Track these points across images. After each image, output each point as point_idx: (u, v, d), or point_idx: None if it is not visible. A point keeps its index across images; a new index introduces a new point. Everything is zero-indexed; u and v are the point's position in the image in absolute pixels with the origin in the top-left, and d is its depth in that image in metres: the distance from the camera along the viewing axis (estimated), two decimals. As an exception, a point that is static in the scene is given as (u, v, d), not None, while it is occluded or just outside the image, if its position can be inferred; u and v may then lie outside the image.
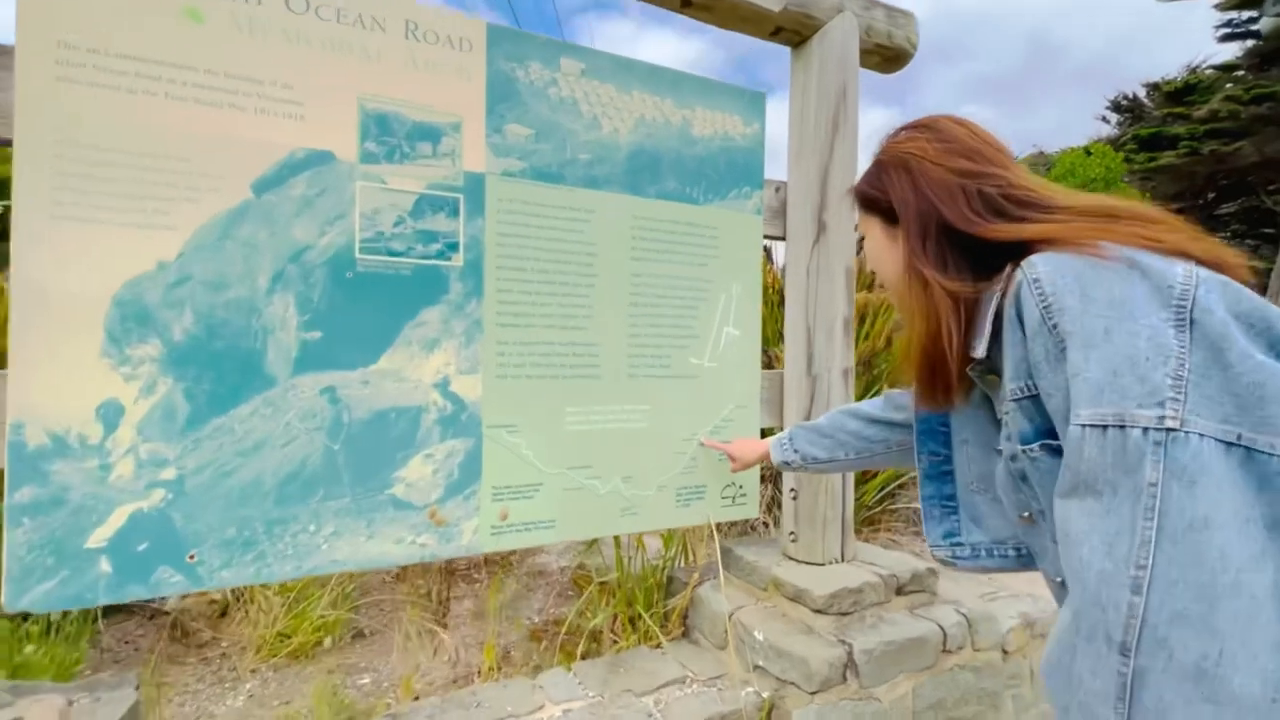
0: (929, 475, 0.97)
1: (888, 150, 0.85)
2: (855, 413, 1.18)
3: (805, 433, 1.26)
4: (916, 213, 0.79)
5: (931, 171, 0.79)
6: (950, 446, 0.96)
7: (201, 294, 1.16)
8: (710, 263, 1.67)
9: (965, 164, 0.78)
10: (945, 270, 0.77)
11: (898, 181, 0.82)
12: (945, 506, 0.96)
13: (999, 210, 0.75)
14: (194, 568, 1.16)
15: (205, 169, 1.16)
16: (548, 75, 1.47)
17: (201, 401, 1.16)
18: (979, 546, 0.93)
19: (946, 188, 0.77)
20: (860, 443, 1.16)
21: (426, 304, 1.34)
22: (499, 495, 1.42)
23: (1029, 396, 0.71)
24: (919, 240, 0.79)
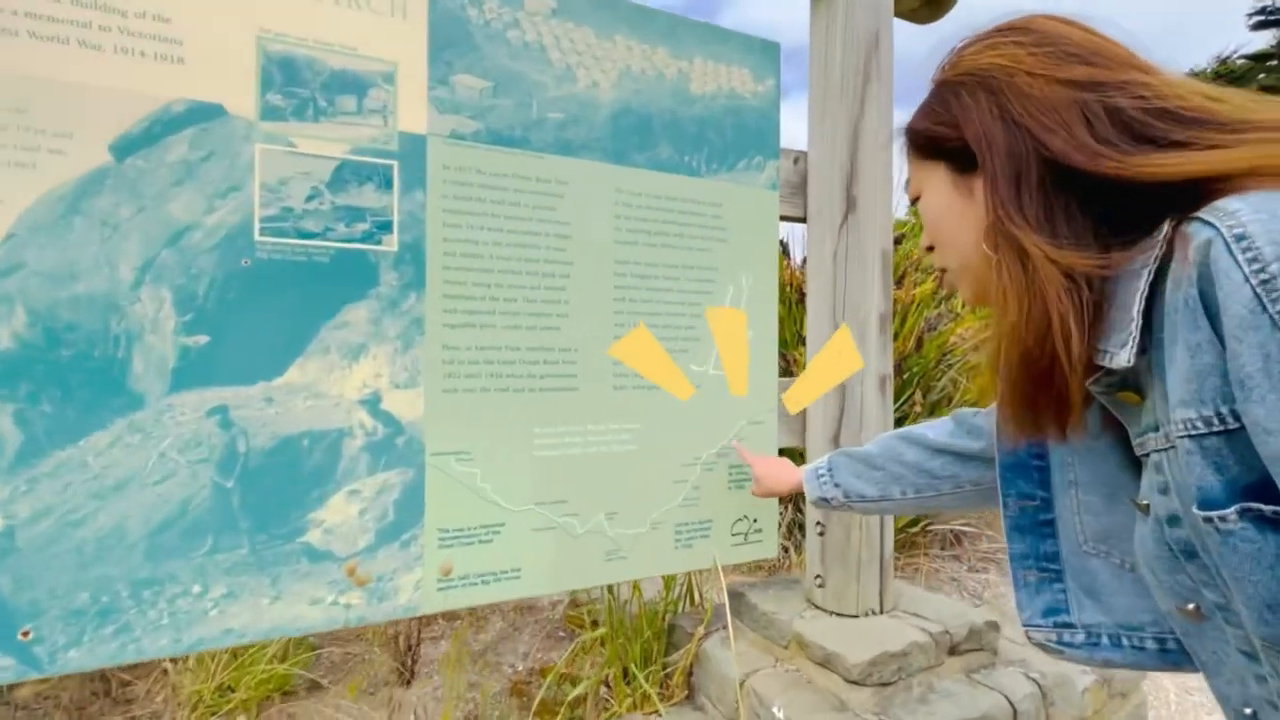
0: (1019, 527, 0.70)
1: (959, 66, 0.60)
2: (914, 439, 0.91)
3: (849, 463, 1.00)
4: (1008, 150, 0.54)
5: (1031, 87, 0.54)
6: (1049, 488, 0.69)
7: (39, 287, 0.89)
8: (715, 248, 1.37)
9: (1085, 70, 0.53)
10: (1054, 234, 0.52)
11: (976, 108, 0.57)
12: (1045, 571, 0.69)
13: (1144, 134, 0.50)
14: (28, 648, 0.88)
15: (44, 124, 0.89)
16: (508, 14, 1.18)
17: (39, 429, 0.89)
18: (1098, 631, 0.65)
19: (1055, 108, 0.52)
20: (921, 478, 0.90)
21: (350, 300, 1.06)
22: (447, 540, 1.12)
23: (1221, 431, 0.44)
24: (1011, 190, 0.54)
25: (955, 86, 0.59)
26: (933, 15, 1.59)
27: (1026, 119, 0.53)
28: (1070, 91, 0.52)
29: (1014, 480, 0.71)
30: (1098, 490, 0.65)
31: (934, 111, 0.61)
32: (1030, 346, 0.53)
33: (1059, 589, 0.68)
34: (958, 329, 3.37)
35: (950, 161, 0.61)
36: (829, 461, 1.04)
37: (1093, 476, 0.65)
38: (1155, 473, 0.52)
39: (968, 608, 1.47)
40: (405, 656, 1.87)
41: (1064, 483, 0.67)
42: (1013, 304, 0.53)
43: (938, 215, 0.64)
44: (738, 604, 1.53)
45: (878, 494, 0.95)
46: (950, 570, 2.64)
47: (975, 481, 0.85)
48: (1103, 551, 0.66)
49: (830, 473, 1.02)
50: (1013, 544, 0.70)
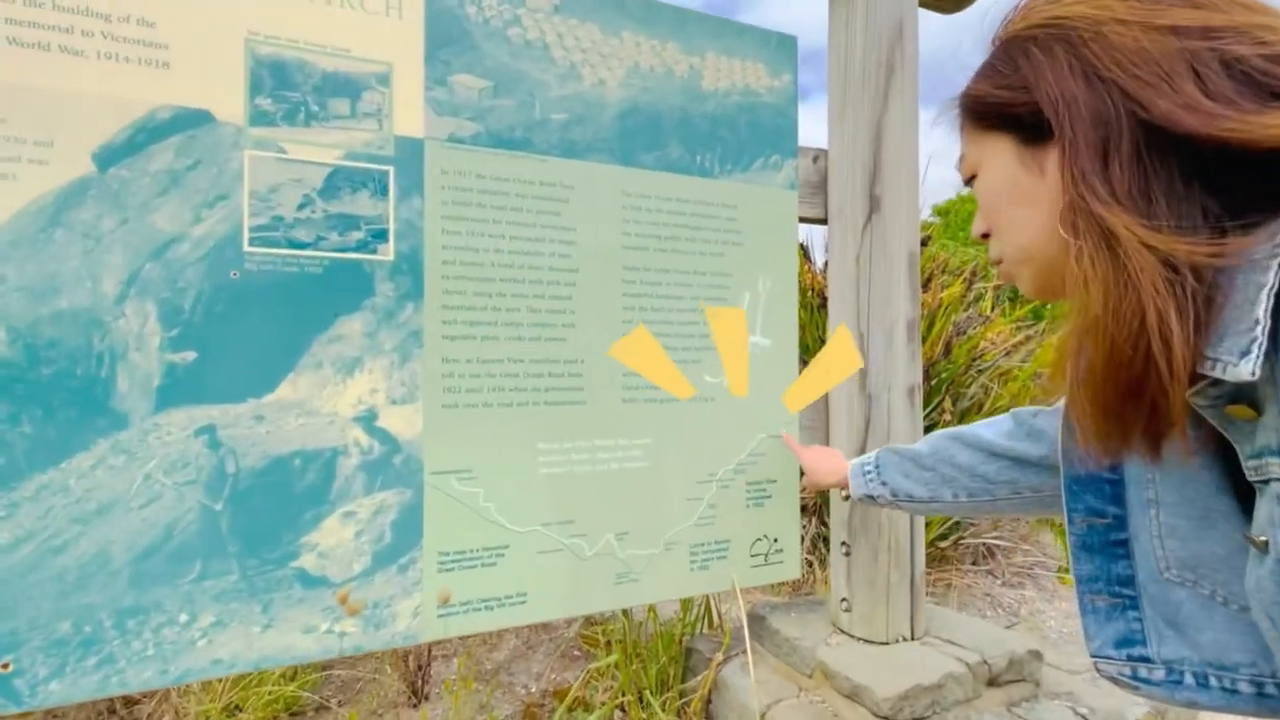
0: (1087, 546, 0.62)
1: (1029, 17, 0.50)
2: (969, 440, 0.84)
3: (898, 460, 0.95)
4: (1092, 113, 0.45)
5: (1123, 38, 0.45)
6: (1124, 504, 0.60)
7: (19, 303, 0.85)
8: (729, 251, 1.29)
9: (1191, 14, 0.44)
10: (1151, 213, 0.43)
11: (1052, 64, 0.48)
12: (1117, 596, 0.60)
13: (1272, 88, 0.41)
14: (9, 680, 0.84)
15: (24, 133, 0.85)
16: (508, 11, 1.13)
17: (19, 451, 0.85)
18: (1180, 667, 0.57)
19: (1155, 61, 0.43)
20: (975, 482, 0.83)
21: (344, 312, 1.01)
22: (448, 564, 1.07)
23: None
24: (1097, 161, 0.45)
25: (1024, 42, 0.50)
26: (959, 4, 1.50)
27: (1118, 74, 0.45)
28: (1173, 40, 0.44)
29: (1081, 495, 0.62)
30: (1185, 513, 0.56)
31: (998, 72, 0.52)
32: (1119, 347, 0.44)
33: (1134, 617, 0.59)
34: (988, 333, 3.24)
35: (1017, 132, 0.52)
36: (876, 458, 0.99)
37: (1179, 498, 0.56)
38: (1278, 504, 0.43)
39: (1007, 634, 1.37)
40: (415, 677, 1.82)
41: (1142, 501, 0.59)
42: (1097, 296, 0.44)
43: (999, 195, 0.55)
44: (758, 627, 1.45)
45: (927, 495, 0.89)
46: (984, 586, 2.52)
47: (1035, 488, 0.77)
48: (1189, 580, 0.57)
49: (877, 470, 0.97)
50: (1079, 565, 0.62)
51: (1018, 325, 3.66)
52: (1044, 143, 0.50)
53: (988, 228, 0.59)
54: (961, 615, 1.47)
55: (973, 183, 0.58)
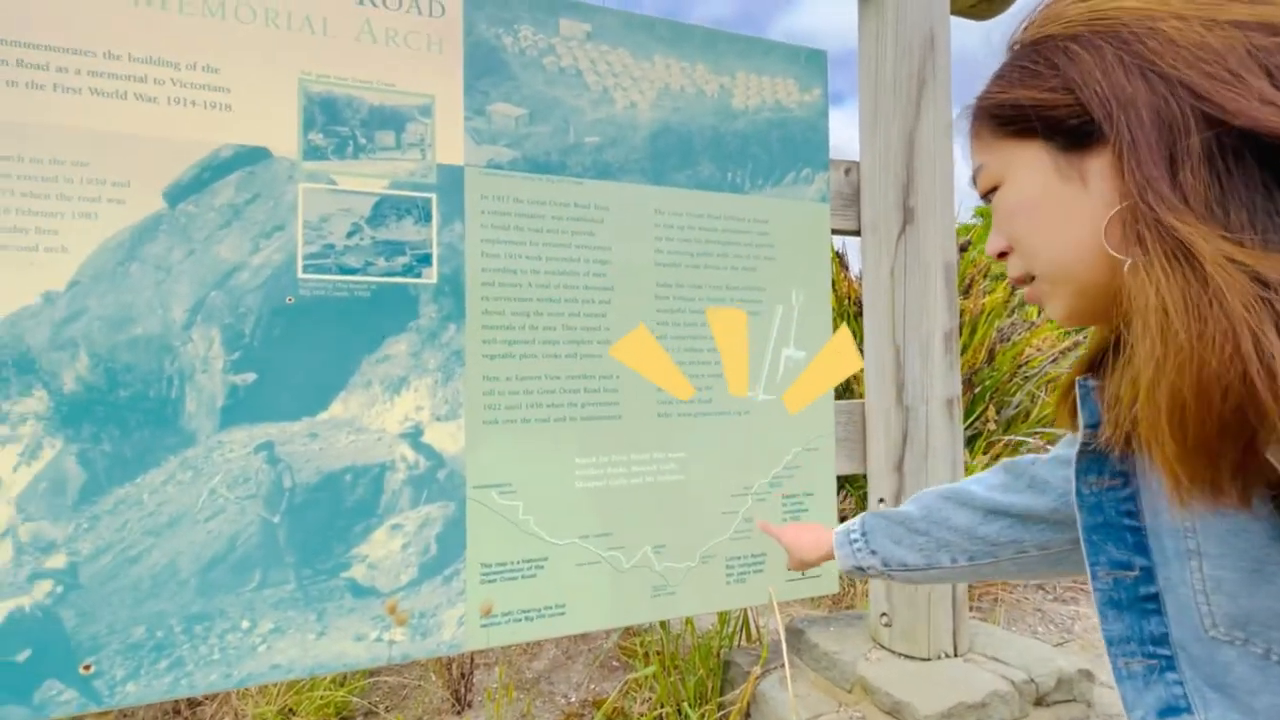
0: (1115, 603, 0.56)
1: (1062, 17, 0.46)
2: (963, 498, 0.77)
3: (886, 525, 0.84)
4: (1155, 113, 0.41)
5: (1183, 35, 0.41)
6: (1148, 553, 0.55)
7: (100, 331, 0.93)
8: (761, 266, 1.31)
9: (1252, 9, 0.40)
10: (1228, 224, 0.39)
11: (1100, 63, 0.43)
12: (1153, 658, 0.54)
13: None
14: (89, 681, 0.91)
15: (105, 175, 0.93)
16: (543, 41, 1.17)
17: (100, 467, 0.92)
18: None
19: (1217, 56, 0.40)
20: (975, 545, 0.75)
21: (391, 333, 1.06)
22: (490, 575, 1.10)
23: None
24: (1163, 166, 0.41)
25: (1064, 40, 0.46)
26: (992, 10, 1.49)
27: (1184, 70, 0.41)
28: (1240, 34, 0.40)
29: (1102, 545, 0.56)
30: (1235, 565, 0.50)
31: (1032, 73, 0.47)
32: (1213, 376, 0.38)
33: (1173, 680, 0.53)
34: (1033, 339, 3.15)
35: (1054, 138, 0.48)
36: (862, 524, 0.88)
37: (1226, 548, 0.50)
38: None
39: (1056, 652, 1.33)
40: (459, 684, 1.86)
41: (1180, 552, 0.52)
42: (1178, 319, 0.39)
43: (1031, 209, 0.50)
44: (797, 641, 1.44)
45: (923, 562, 0.79)
46: (1033, 601, 2.44)
47: (1042, 545, 0.71)
48: (1240, 639, 0.50)
49: (865, 537, 0.86)
50: (1108, 624, 0.56)
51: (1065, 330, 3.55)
52: (1087, 149, 0.46)
53: (1008, 245, 0.54)
54: (1007, 632, 1.44)
55: (991, 195, 0.53)
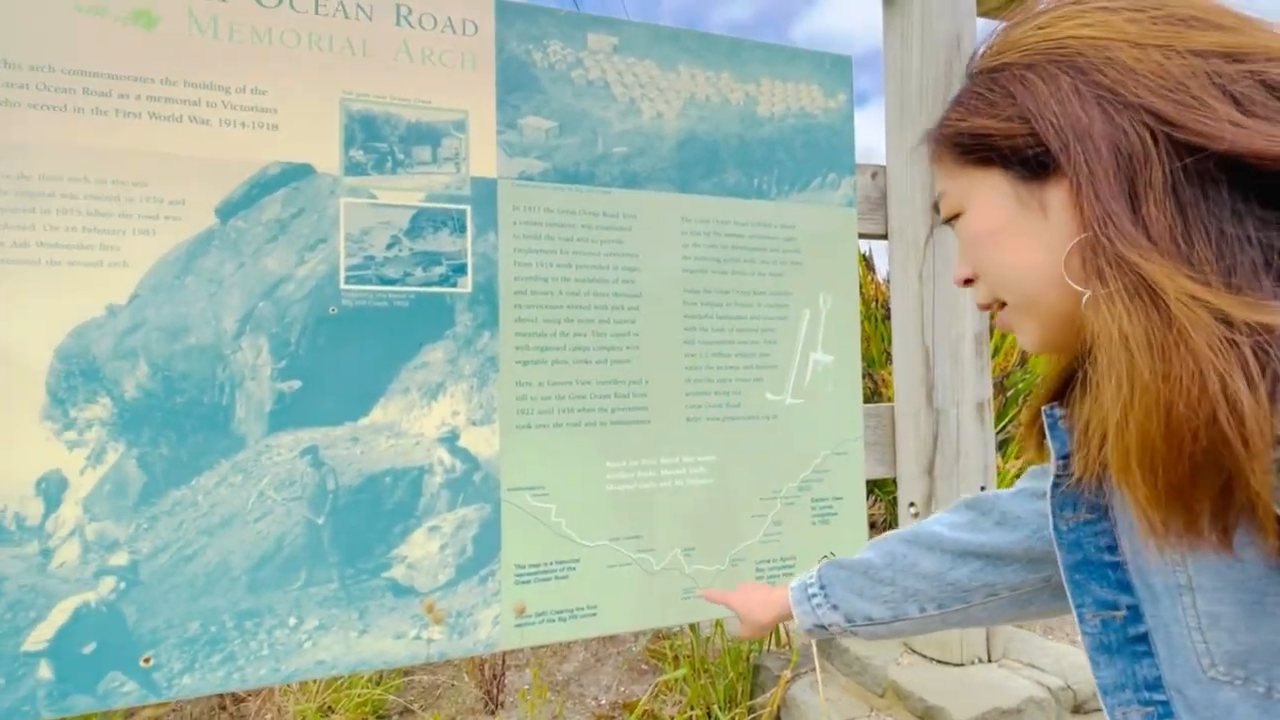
0: (1105, 647, 0.52)
1: (1019, 44, 0.46)
2: (928, 541, 0.72)
3: (846, 576, 0.77)
4: (1112, 143, 0.40)
5: (1141, 62, 0.41)
6: (1133, 591, 0.51)
7: (158, 341, 0.98)
8: (788, 271, 1.32)
9: (1212, 36, 0.40)
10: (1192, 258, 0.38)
11: (1056, 92, 0.43)
12: (1149, 704, 0.50)
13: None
14: (149, 673, 0.96)
15: (162, 194, 0.99)
16: (571, 55, 1.20)
17: (158, 470, 0.97)
18: None
19: (1181, 85, 0.39)
20: (944, 592, 0.70)
21: (428, 341, 1.10)
22: (524, 576, 1.13)
23: None
24: (1121, 198, 0.40)
25: (1019, 70, 0.46)
26: (1021, 10, 1.48)
27: (1149, 98, 0.40)
28: (1201, 63, 0.40)
29: (1086, 584, 0.53)
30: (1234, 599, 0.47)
31: (988, 102, 0.47)
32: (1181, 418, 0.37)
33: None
34: (1068, 341, 3.08)
35: (1013, 167, 0.47)
36: (819, 576, 0.80)
37: (1220, 581, 0.47)
38: None
39: (1093, 659, 1.31)
40: (491, 685, 1.90)
41: (1170, 587, 0.49)
42: (1142, 358, 0.38)
43: (991, 237, 0.49)
44: (827, 645, 1.44)
45: (889, 615, 0.74)
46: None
47: (1014, 587, 0.67)
48: (1240, 679, 0.48)
49: (823, 591, 0.78)
50: (1100, 671, 0.52)
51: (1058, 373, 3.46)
52: (1046, 179, 0.45)
53: (973, 272, 0.53)
54: (1043, 638, 1.42)
55: (954, 222, 0.53)
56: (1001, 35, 0.48)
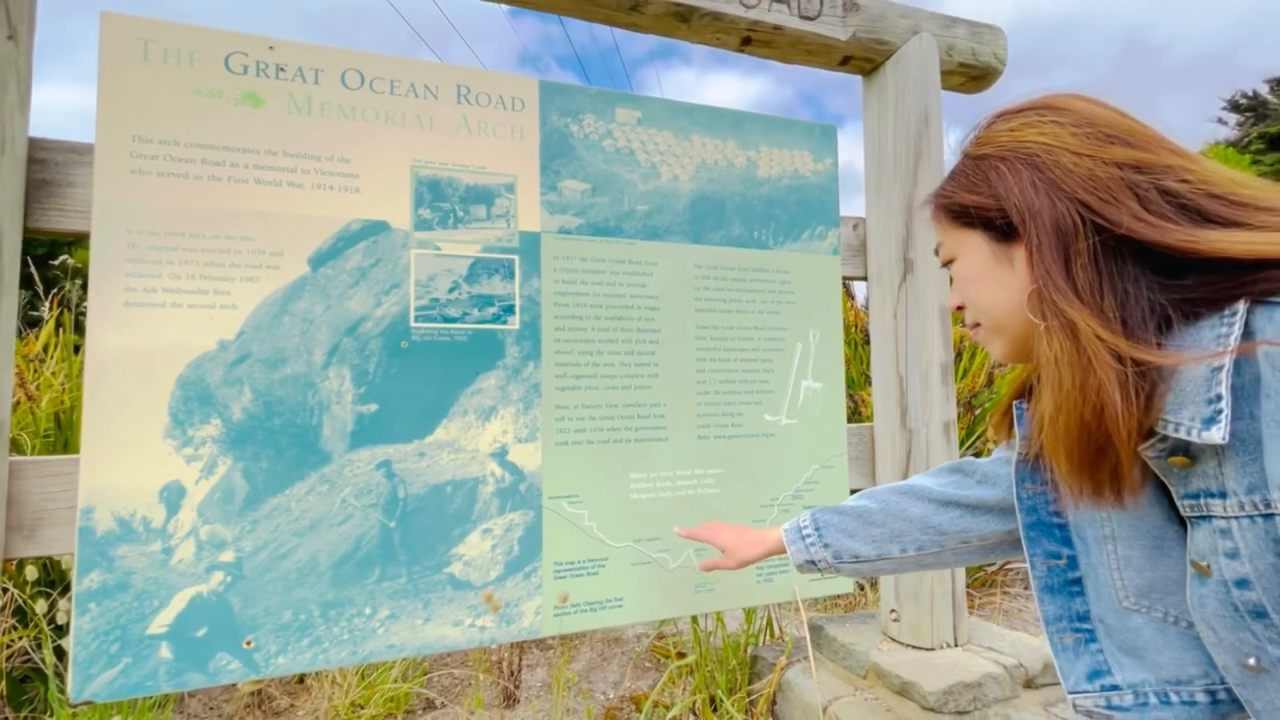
0: (1050, 588, 0.69)
1: (993, 141, 0.62)
2: (918, 493, 0.87)
3: (840, 519, 0.90)
4: (1054, 223, 0.56)
5: (1078, 166, 0.56)
6: (1072, 544, 0.69)
7: (260, 371, 1.16)
8: (783, 309, 1.54)
9: (1128, 152, 0.55)
10: (1102, 309, 0.53)
11: (1018, 182, 0.59)
12: (1079, 632, 0.67)
13: (1201, 213, 0.53)
14: (251, 654, 1.12)
15: (264, 246, 1.17)
16: (602, 127, 1.42)
17: (259, 481, 1.14)
18: (1143, 689, 0.63)
19: (1103, 184, 0.55)
20: (925, 535, 0.84)
21: (482, 370, 1.29)
22: (561, 572, 1.31)
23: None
24: (1058, 263, 0.55)
25: (995, 160, 0.61)
26: (979, 88, 1.73)
27: (1080, 193, 0.55)
28: (1118, 171, 0.54)
29: (1038, 540, 0.70)
30: (1140, 545, 0.63)
31: (972, 184, 0.63)
32: (1085, 419, 0.53)
33: (1096, 649, 0.66)
34: (1029, 364, 3.35)
35: (989, 231, 0.63)
36: (814, 519, 0.92)
37: (1133, 531, 0.63)
38: (1221, 537, 0.52)
39: (1044, 643, 1.53)
40: (509, 682, 2.06)
41: (1098, 538, 0.66)
42: (1065, 374, 0.54)
43: (975, 279, 0.66)
44: (817, 636, 1.64)
45: (874, 553, 0.86)
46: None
47: (983, 537, 0.82)
48: (1144, 607, 0.63)
49: (817, 532, 0.90)
50: (1044, 606, 0.69)
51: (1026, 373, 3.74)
52: (1012, 242, 0.61)
53: (964, 302, 0.69)
54: (1001, 627, 1.64)
55: (949, 265, 0.70)
56: (986, 129, 0.64)
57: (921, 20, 1.60)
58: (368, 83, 1.25)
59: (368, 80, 1.25)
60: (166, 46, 1.14)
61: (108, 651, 1.05)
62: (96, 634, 1.05)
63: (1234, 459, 0.50)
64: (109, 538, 1.06)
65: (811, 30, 1.50)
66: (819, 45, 1.54)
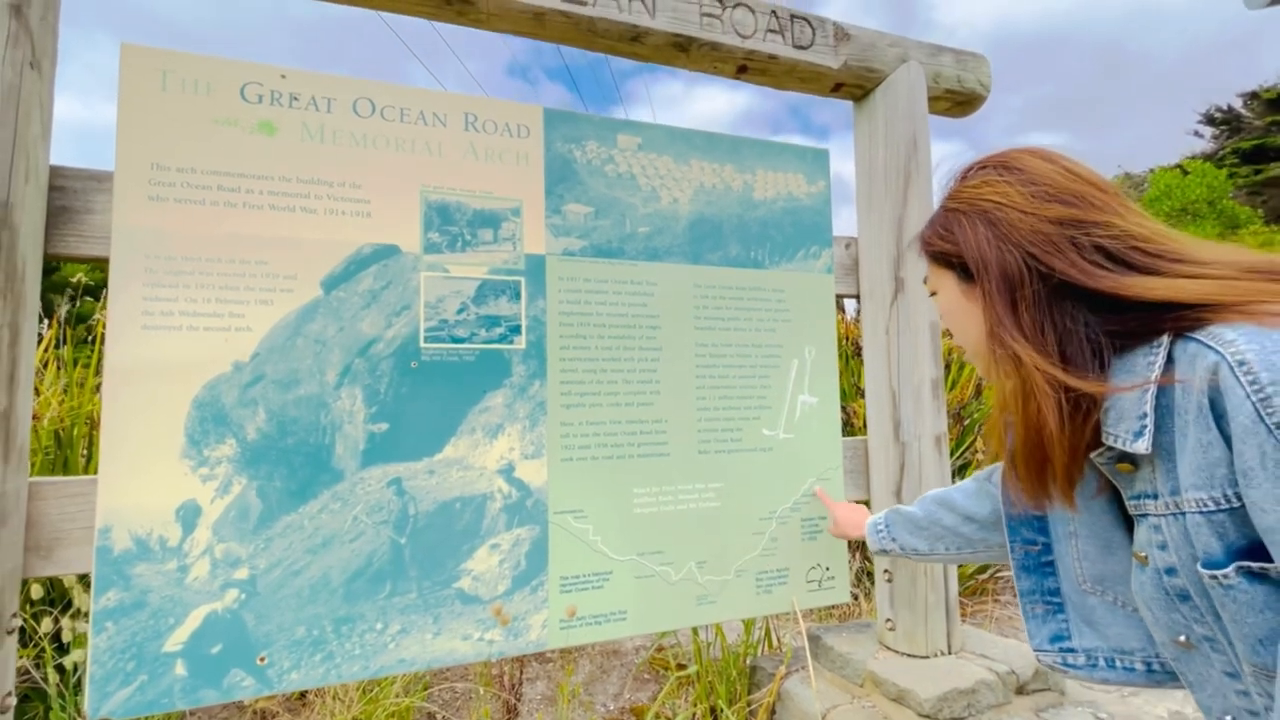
0: (1026, 567, 0.84)
1: (959, 196, 0.73)
2: (950, 505, 1.07)
3: (903, 520, 1.17)
4: (1002, 272, 0.66)
5: (1024, 222, 0.66)
6: (1049, 534, 0.83)
7: (274, 392, 1.19)
8: (779, 327, 1.58)
9: (1065, 211, 0.65)
10: (1044, 345, 0.63)
11: (974, 234, 0.69)
12: (1049, 604, 0.82)
13: (1127, 262, 0.62)
14: (264, 670, 1.14)
15: (279, 270, 1.20)
16: (604, 152, 1.46)
17: (273, 499, 1.17)
18: (1095, 654, 0.78)
19: (1046, 238, 0.65)
20: (958, 539, 1.06)
21: (490, 389, 1.32)
22: (567, 586, 1.35)
23: (1226, 509, 0.57)
24: (1006, 306, 0.66)
25: (958, 214, 0.72)
26: (964, 113, 1.80)
27: (1026, 244, 0.65)
28: (1057, 227, 0.65)
29: (1018, 529, 0.84)
30: (1094, 541, 0.77)
31: (941, 232, 0.74)
32: (1030, 437, 0.65)
33: (1062, 619, 0.80)
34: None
35: (956, 272, 0.74)
36: (886, 519, 1.21)
37: (1090, 530, 0.77)
38: (1154, 532, 0.62)
39: (1033, 650, 1.58)
40: (510, 694, 2.08)
41: (1065, 533, 0.80)
42: (1013, 401, 0.65)
43: (951, 312, 0.77)
44: (815, 646, 1.68)
45: (927, 549, 1.12)
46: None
47: (999, 544, 0.99)
48: (1098, 591, 0.77)
49: (888, 529, 1.20)
50: (1020, 582, 0.83)
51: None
52: (974, 284, 0.71)
53: (948, 328, 0.82)
54: (994, 635, 1.68)
55: (935, 295, 0.80)
56: (958, 185, 0.75)
57: (909, 49, 1.66)
58: (378, 111, 1.29)
59: (378, 108, 1.30)
60: (184, 77, 1.17)
61: (124, 669, 1.07)
62: (113, 652, 1.07)
63: (1160, 466, 0.61)
64: (126, 556, 1.08)
65: (805, 59, 1.56)
66: (812, 73, 1.60)
